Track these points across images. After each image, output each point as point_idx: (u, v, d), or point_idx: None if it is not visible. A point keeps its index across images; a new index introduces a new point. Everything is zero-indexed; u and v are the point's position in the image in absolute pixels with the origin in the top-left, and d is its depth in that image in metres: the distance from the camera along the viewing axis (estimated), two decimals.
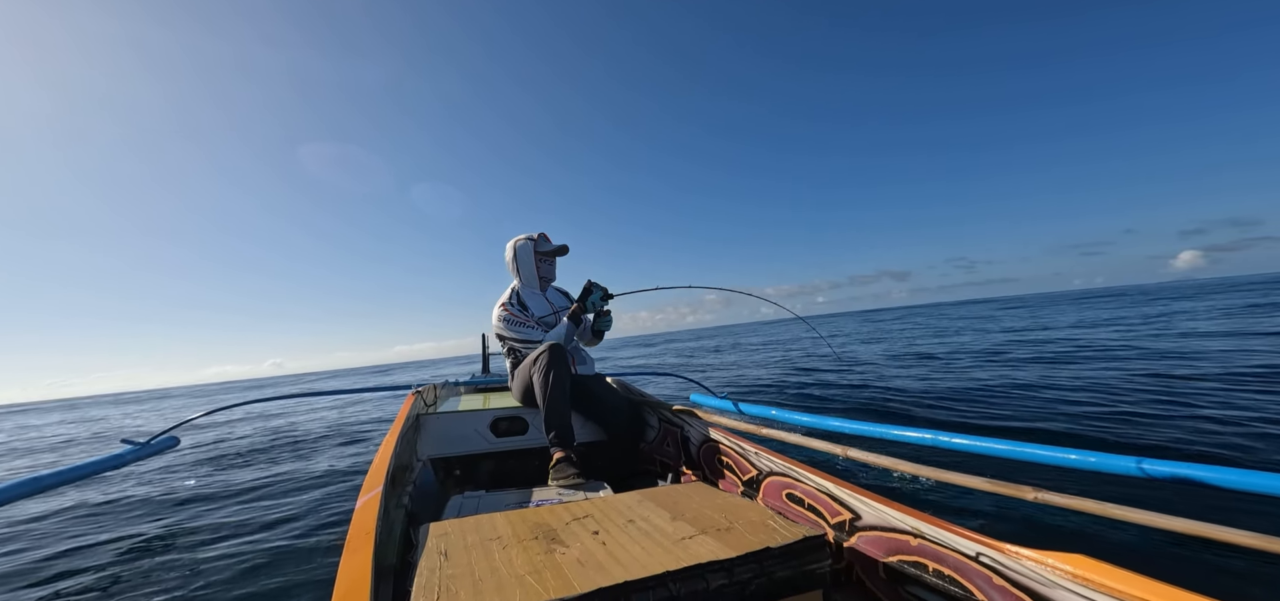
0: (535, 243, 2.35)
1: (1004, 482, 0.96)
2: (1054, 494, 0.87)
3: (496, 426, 2.22)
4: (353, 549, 0.89)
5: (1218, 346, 6.01)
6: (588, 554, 0.91)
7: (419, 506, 1.69)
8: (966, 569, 0.89)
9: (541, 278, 2.38)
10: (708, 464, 1.81)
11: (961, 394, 4.54)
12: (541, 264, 2.37)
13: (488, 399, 2.72)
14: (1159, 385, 4.08)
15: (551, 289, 2.47)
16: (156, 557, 2.55)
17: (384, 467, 1.35)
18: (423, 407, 2.43)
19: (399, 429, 1.79)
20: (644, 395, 2.38)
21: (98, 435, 8.32)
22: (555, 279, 2.48)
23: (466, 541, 1.00)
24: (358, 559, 0.85)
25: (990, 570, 0.85)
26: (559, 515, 1.14)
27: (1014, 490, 0.93)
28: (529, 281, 2.36)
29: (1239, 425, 2.84)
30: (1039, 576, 0.78)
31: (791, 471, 1.36)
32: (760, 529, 0.98)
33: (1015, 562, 0.81)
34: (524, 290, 2.35)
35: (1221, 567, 1.45)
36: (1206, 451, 2.46)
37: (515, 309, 2.26)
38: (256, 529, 2.82)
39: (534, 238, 2.36)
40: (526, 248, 2.34)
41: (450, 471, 2.16)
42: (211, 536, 2.81)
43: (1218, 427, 2.85)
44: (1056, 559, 0.75)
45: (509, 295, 2.31)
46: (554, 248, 2.38)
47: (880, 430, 2.93)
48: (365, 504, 1.09)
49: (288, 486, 3.68)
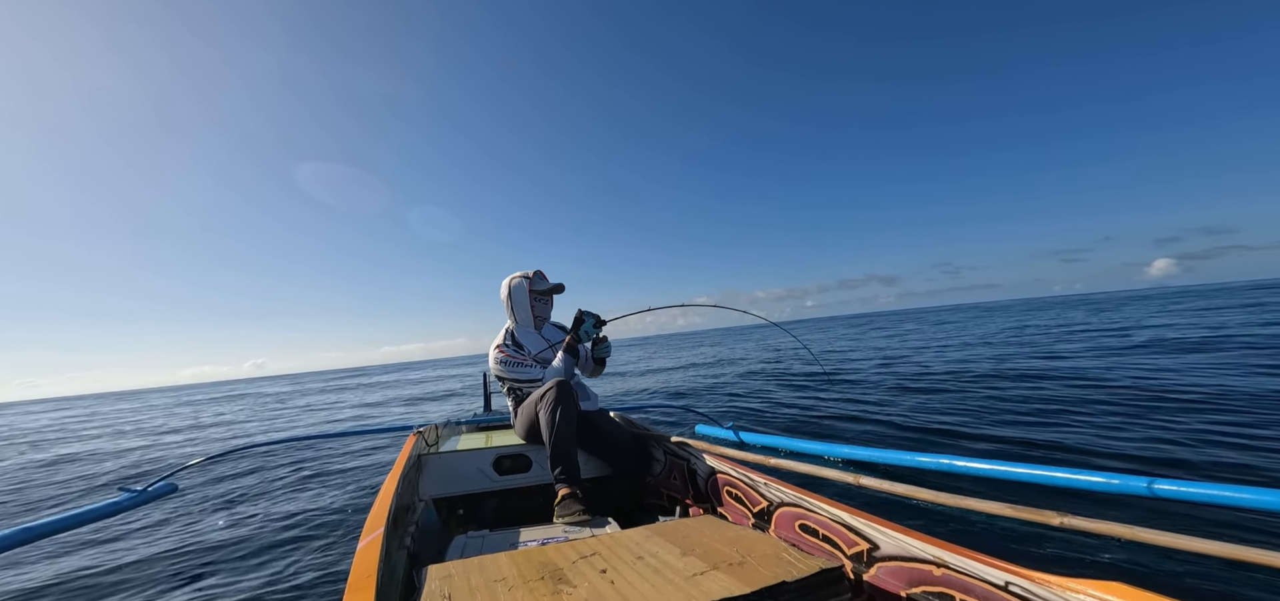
0: (530, 281, 2.33)
1: (1028, 508, 0.92)
2: (1081, 518, 0.83)
3: (500, 464, 2.18)
4: (354, 590, 0.86)
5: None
6: (596, 593, 0.88)
7: (422, 547, 1.65)
8: (996, 599, 0.84)
9: (536, 317, 2.36)
10: (716, 496, 1.76)
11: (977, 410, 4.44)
12: (536, 303, 2.35)
13: (490, 437, 2.69)
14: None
15: (547, 326, 2.45)
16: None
17: (385, 509, 1.32)
18: (424, 447, 2.40)
19: (400, 469, 1.76)
20: (648, 428, 2.35)
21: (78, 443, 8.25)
22: (551, 317, 2.47)
23: (470, 583, 0.96)
24: (359, 598, 0.83)
25: (1021, 599, 0.80)
26: (565, 553, 1.10)
27: (1039, 515, 0.90)
28: (524, 321, 2.34)
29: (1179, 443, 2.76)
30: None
31: (804, 501, 1.32)
32: (774, 562, 0.94)
33: (1047, 591, 0.76)
34: (519, 330, 2.32)
35: (1264, 588, 1.38)
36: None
37: (511, 350, 2.24)
38: (253, 573, 2.73)
39: (529, 276, 2.34)
40: (521, 287, 2.32)
41: (453, 511, 2.11)
42: (208, 578, 2.72)
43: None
44: (1094, 587, 0.71)
45: (504, 337, 2.29)
46: (550, 286, 2.36)
47: (892, 456, 2.86)
48: (366, 545, 1.06)
49: (285, 530, 3.58)
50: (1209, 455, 2.56)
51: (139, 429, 10.38)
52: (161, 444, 7.91)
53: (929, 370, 7.45)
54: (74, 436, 9.89)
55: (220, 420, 11.39)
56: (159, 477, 2.92)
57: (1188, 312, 12.73)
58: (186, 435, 8.49)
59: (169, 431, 9.52)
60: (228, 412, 13.40)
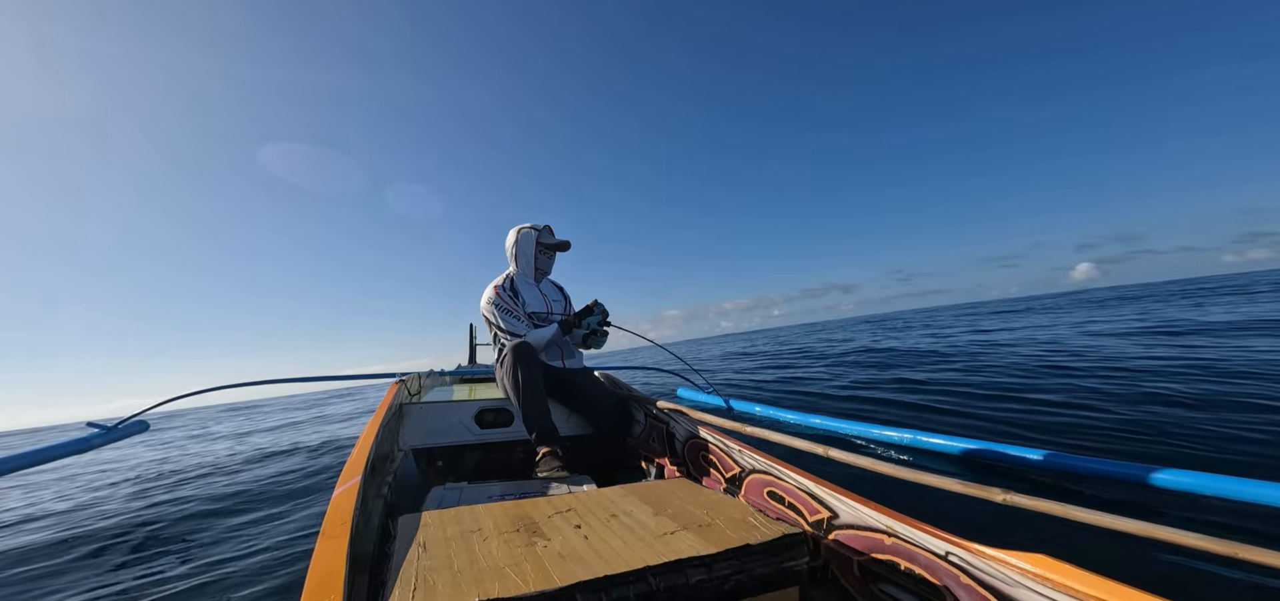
0: (539, 233, 2.32)
1: (975, 484, 0.99)
2: (1021, 496, 0.90)
3: (482, 417, 2.20)
4: (328, 536, 0.88)
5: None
6: (569, 547, 0.92)
7: (399, 497, 1.68)
8: (936, 567, 0.91)
9: (538, 269, 2.36)
10: (692, 460, 1.82)
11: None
12: (541, 255, 2.34)
13: (473, 389, 2.70)
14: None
15: (546, 282, 2.44)
16: (123, 544, 2.49)
17: (364, 457, 1.33)
18: (406, 397, 2.40)
19: (381, 418, 1.76)
20: (631, 390, 2.39)
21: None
22: (551, 273, 2.46)
23: (446, 533, 0.99)
24: (332, 546, 0.84)
25: (958, 569, 0.88)
26: (542, 508, 1.14)
27: (984, 491, 0.96)
28: (526, 270, 2.33)
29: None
30: (1003, 576, 0.80)
31: (774, 469, 1.38)
32: (741, 525, 0.99)
33: (981, 562, 0.84)
34: (519, 278, 2.31)
35: (1175, 567, 1.52)
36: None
37: (507, 295, 2.22)
38: (226, 517, 2.76)
39: (538, 228, 2.33)
40: (529, 237, 2.31)
41: (433, 462, 2.14)
42: (178, 525, 2.75)
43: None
44: (1020, 558, 0.78)
45: (503, 280, 2.27)
46: (557, 242, 2.35)
47: (862, 429, 3.01)
48: (343, 492, 1.07)
49: (258, 474, 3.60)
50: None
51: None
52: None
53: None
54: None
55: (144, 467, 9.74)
56: (132, 415, 2.87)
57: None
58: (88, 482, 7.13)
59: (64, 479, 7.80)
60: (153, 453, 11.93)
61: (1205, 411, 2.83)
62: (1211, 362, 4.09)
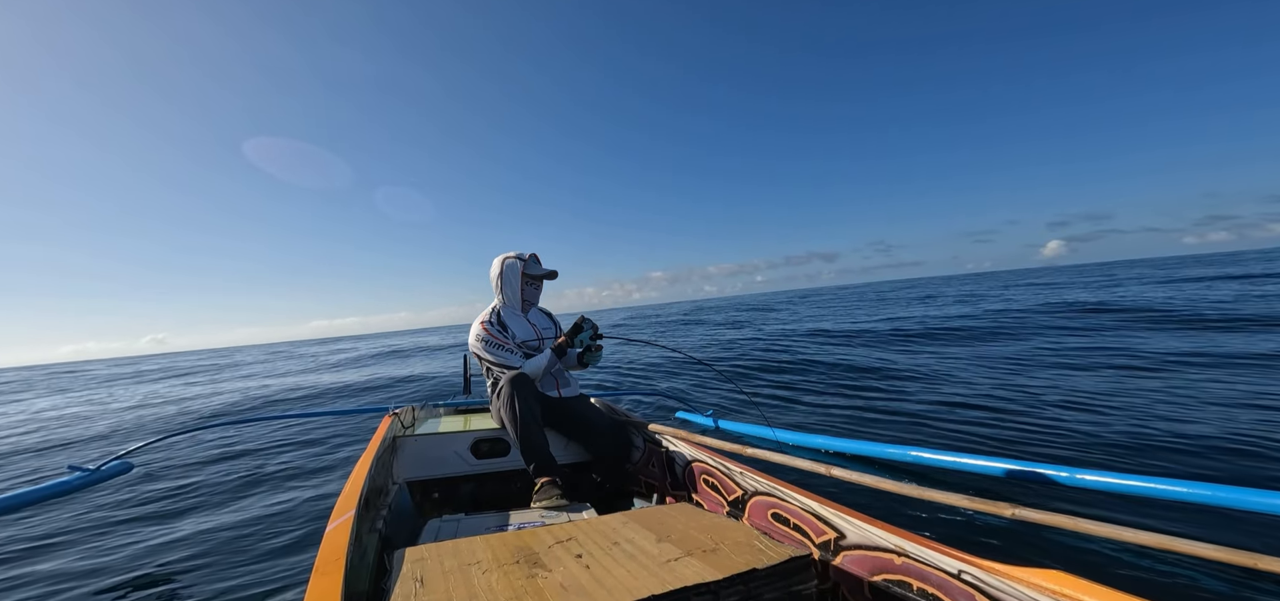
0: (524, 264, 2.28)
1: (983, 499, 0.98)
2: (1031, 510, 0.89)
3: (477, 448, 2.16)
4: (321, 573, 0.85)
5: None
6: (571, 578, 0.89)
7: (394, 530, 1.63)
8: (950, 587, 0.89)
9: (525, 300, 2.33)
10: (692, 484, 1.79)
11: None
12: (527, 286, 2.31)
13: (468, 420, 2.66)
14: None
15: (534, 311, 2.41)
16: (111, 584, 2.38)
17: (357, 490, 1.30)
18: (400, 429, 2.36)
19: (374, 451, 1.73)
20: (628, 415, 2.36)
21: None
22: (539, 302, 2.43)
23: (444, 566, 0.96)
24: (326, 583, 0.82)
25: (973, 587, 0.85)
26: (542, 538, 1.11)
27: (992, 507, 0.95)
28: (512, 301, 2.30)
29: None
30: (1020, 594, 0.78)
31: (776, 491, 1.36)
32: (746, 549, 0.97)
33: (996, 580, 0.82)
34: (505, 311, 2.28)
35: (1193, 582, 1.50)
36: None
37: (495, 329, 2.18)
38: (216, 554, 2.66)
39: (524, 258, 2.30)
40: (515, 267, 2.27)
41: (428, 494, 2.09)
42: (168, 560, 2.64)
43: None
44: (1036, 576, 0.76)
45: (490, 314, 2.23)
46: (543, 272, 2.32)
47: (863, 447, 2.98)
48: (336, 527, 1.05)
49: (250, 512, 3.48)
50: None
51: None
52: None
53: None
54: None
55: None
56: (113, 456, 2.77)
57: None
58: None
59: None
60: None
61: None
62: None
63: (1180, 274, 19.22)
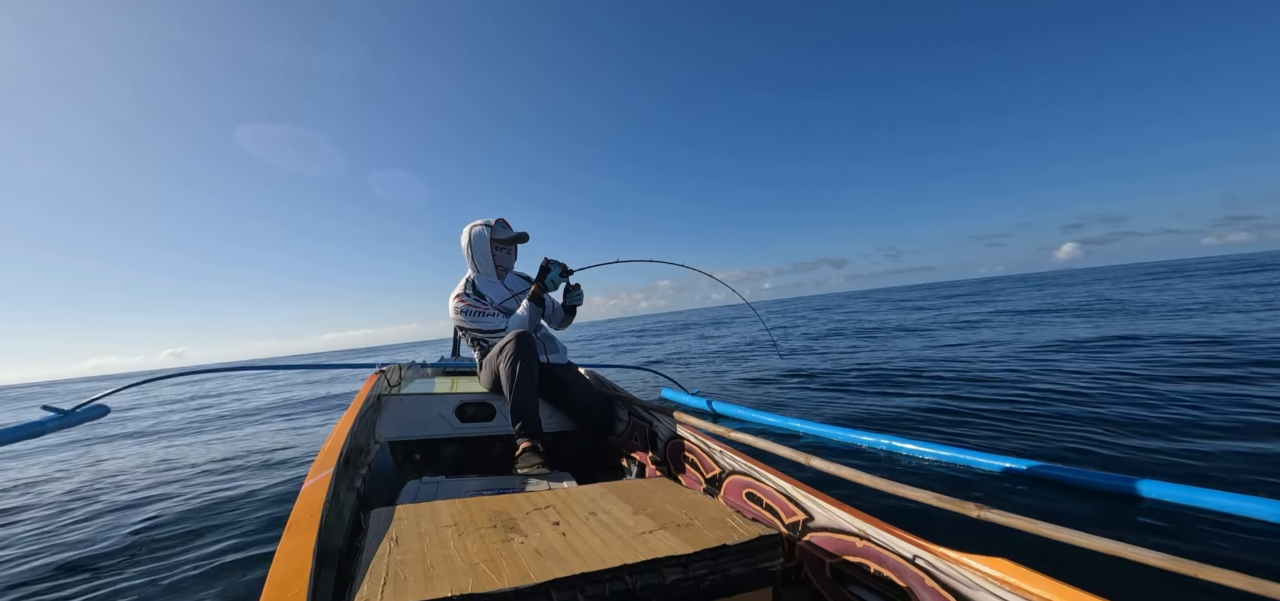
0: (491, 229, 2.23)
1: (952, 498, 1.00)
2: (996, 512, 0.92)
3: (462, 411, 2.17)
4: (294, 530, 0.85)
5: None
6: (546, 544, 0.91)
7: (373, 490, 1.64)
8: (903, 570, 0.94)
9: (499, 266, 2.27)
10: (674, 460, 1.82)
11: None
12: (498, 252, 2.25)
13: (455, 382, 2.66)
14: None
15: (510, 276, 2.37)
16: (82, 532, 2.40)
17: (337, 448, 1.30)
18: (386, 387, 2.35)
19: (358, 408, 1.72)
20: (615, 388, 2.38)
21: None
22: (514, 267, 2.40)
23: (420, 527, 0.97)
24: (299, 541, 0.82)
25: (924, 572, 0.90)
26: (520, 504, 1.13)
27: (959, 505, 0.98)
28: (485, 270, 2.26)
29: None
30: (967, 579, 0.83)
31: (753, 471, 1.39)
32: (718, 526, 0.99)
33: (946, 566, 0.87)
34: (480, 279, 2.25)
35: (1138, 589, 1.56)
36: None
37: (471, 298, 2.17)
38: (185, 506, 2.68)
39: (490, 224, 2.24)
40: (482, 235, 2.22)
41: (410, 455, 2.10)
42: (136, 512, 2.65)
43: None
44: (984, 563, 0.81)
45: (463, 286, 2.21)
46: (512, 235, 2.27)
47: (840, 434, 3.05)
48: (313, 485, 1.05)
49: (226, 463, 3.49)
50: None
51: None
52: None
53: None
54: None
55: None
56: (90, 399, 2.71)
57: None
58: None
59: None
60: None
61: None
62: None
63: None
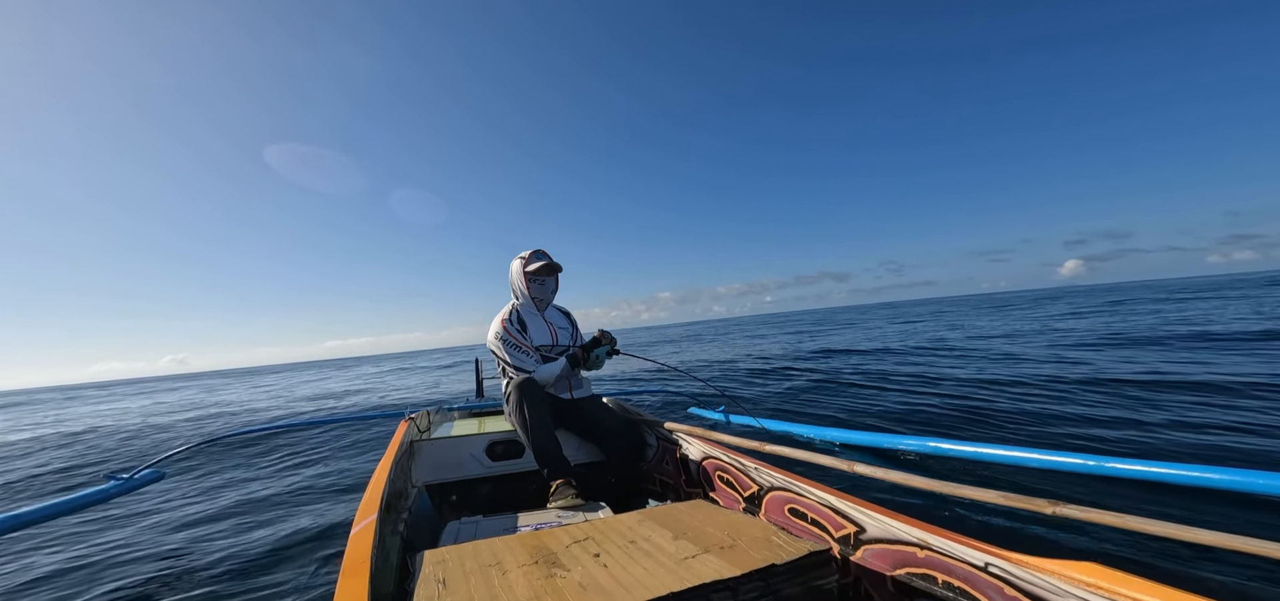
0: (525, 261, 2.30)
1: (1019, 495, 0.93)
2: (1073, 507, 0.84)
3: (492, 450, 2.18)
4: (348, 576, 0.86)
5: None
6: (589, 577, 0.88)
7: (415, 533, 1.65)
8: (976, 579, 0.86)
9: (536, 299, 2.32)
10: (708, 481, 1.77)
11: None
12: (531, 283, 2.30)
13: (483, 423, 2.68)
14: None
15: (551, 310, 2.40)
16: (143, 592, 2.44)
17: (378, 495, 1.31)
18: (417, 433, 2.39)
19: (393, 455, 1.75)
20: (641, 414, 2.35)
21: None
22: (553, 298, 2.42)
23: (465, 567, 0.96)
24: (353, 584, 0.82)
25: (1001, 580, 0.82)
26: (559, 538, 1.11)
27: (1029, 503, 0.91)
28: (526, 304, 2.31)
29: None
30: (1052, 586, 0.75)
31: (792, 485, 1.33)
32: (764, 545, 0.95)
33: (1026, 572, 0.79)
34: (524, 310, 2.29)
35: (1242, 578, 1.42)
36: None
37: (515, 329, 2.19)
38: (243, 558, 2.72)
39: (524, 256, 2.31)
40: (517, 269, 2.30)
41: (446, 497, 2.11)
42: (197, 565, 2.70)
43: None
44: (1070, 567, 0.73)
45: (510, 312, 2.25)
46: (542, 266, 2.30)
47: (879, 440, 2.90)
48: (360, 531, 1.06)
49: (275, 518, 3.55)
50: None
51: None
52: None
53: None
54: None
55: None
56: (145, 464, 2.87)
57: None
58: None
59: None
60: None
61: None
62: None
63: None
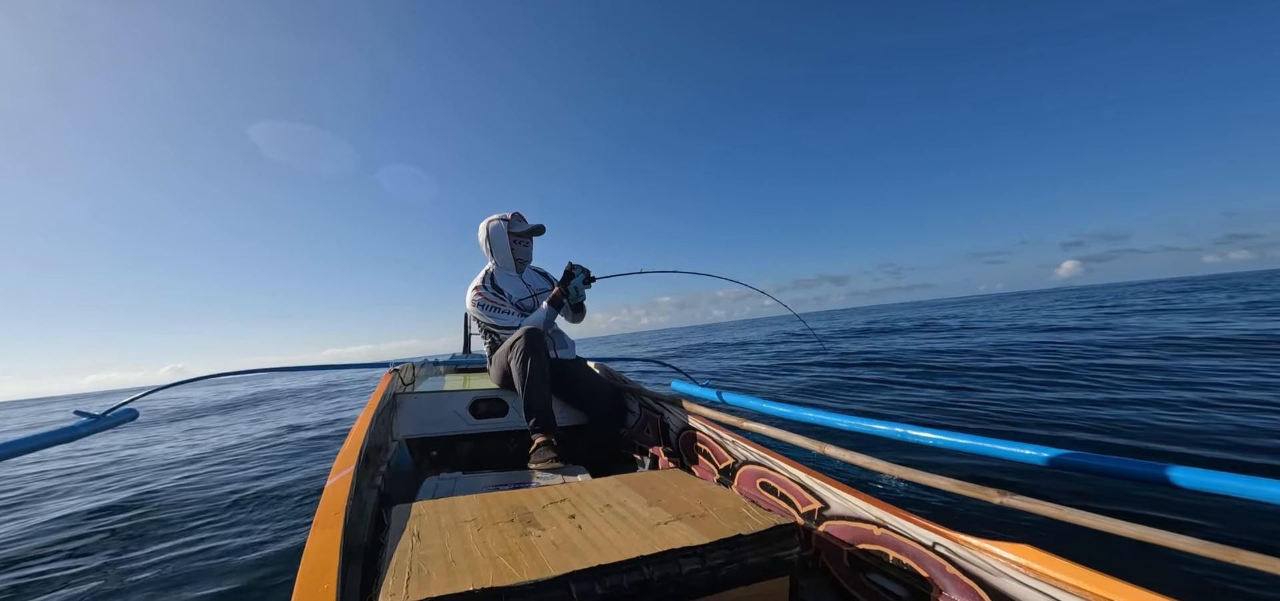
0: (509, 222, 2.24)
1: (970, 484, 0.99)
2: (1018, 498, 0.90)
3: (476, 408, 2.19)
4: (321, 525, 0.87)
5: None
6: (563, 537, 0.91)
7: (392, 487, 1.67)
8: (923, 557, 0.93)
9: (517, 260, 2.28)
10: (686, 451, 1.82)
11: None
12: (516, 245, 2.26)
13: (468, 379, 2.69)
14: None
15: (528, 270, 2.37)
16: (117, 531, 2.48)
17: (357, 446, 1.32)
18: (400, 386, 2.39)
19: (375, 407, 1.75)
20: (625, 380, 2.38)
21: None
22: (532, 260, 2.40)
23: (440, 522, 0.99)
24: (326, 535, 0.84)
25: (944, 559, 0.90)
26: (536, 498, 1.14)
27: (979, 491, 0.97)
28: (504, 264, 2.27)
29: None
30: (987, 565, 0.83)
31: (766, 460, 1.39)
32: (733, 516, 1.00)
33: (966, 552, 0.86)
34: (499, 273, 2.25)
35: (1169, 571, 1.53)
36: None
37: (490, 292, 2.17)
38: (221, 503, 2.75)
39: (507, 217, 2.25)
40: (500, 228, 2.23)
41: (427, 452, 2.13)
42: (174, 508, 2.74)
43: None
44: (1005, 548, 0.80)
45: (482, 278, 2.22)
46: (529, 227, 2.28)
47: (854, 423, 2.99)
48: (336, 482, 1.07)
49: (252, 464, 3.58)
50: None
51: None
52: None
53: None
54: None
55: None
56: (120, 404, 2.80)
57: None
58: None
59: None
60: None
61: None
62: None
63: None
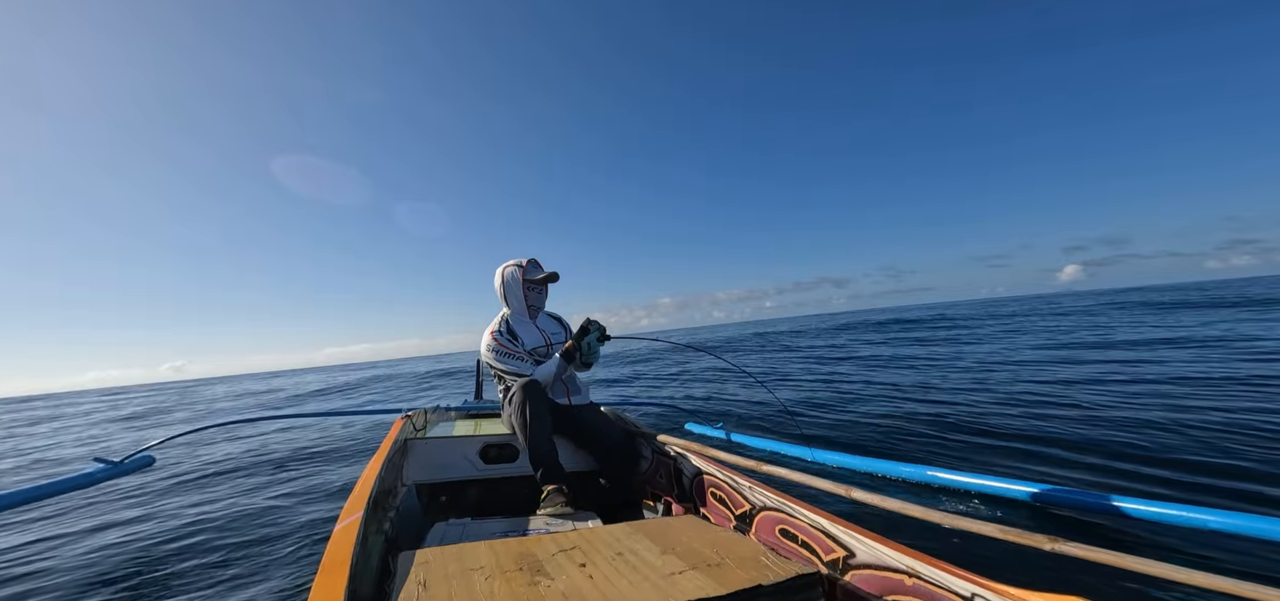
0: (524, 270, 2.28)
1: (1018, 530, 0.91)
2: (1071, 543, 0.82)
3: (486, 453, 2.16)
4: (326, 573, 0.85)
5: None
6: (573, 587, 0.86)
7: (401, 533, 1.63)
8: None
9: (531, 307, 2.32)
10: (700, 496, 1.75)
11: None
12: (530, 292, 2.30)
13: (479, 425, 2.67)
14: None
15: (542, 316, 2.40)
16: (123, 574, 2.43)
17: (366, 491, 1.30)
18: (412, 432, 2.38)
19: (386, 453, 1.74)
20: (637, 425, 2.33)
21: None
22: (545, 306, 2.43)
23: (447, 571, 0.95)
24: (330, 582, 0.81)
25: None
26: (546, 546, 1.09)
27: (1026, 537, 0.89)
28: (518, 311, 2.30)
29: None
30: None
31: (785, 506, 1.31)
32: (752, 565, 0.93)
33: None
34: (514, 319, 2.28)
35: None
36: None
37: (505, 339, 2.19)
38: (228, 548, 2.71)
39: (522, 265, 2.29)
40: (515, 276, 2.27)
41: (436, 497, 2.09)
42: (181, 552, 2.69)
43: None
44: (1053, 600, 0.72)
45: (499, 323, 2.24)
46: (543, 276, 2.31)
47: (877, 465, 2.85)
48: (343, 528, 1.05)
49: (262, 510, 3.54)
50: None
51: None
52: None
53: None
54: None
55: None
56: (138, 450, 2.84)
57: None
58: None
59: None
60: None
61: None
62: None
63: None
